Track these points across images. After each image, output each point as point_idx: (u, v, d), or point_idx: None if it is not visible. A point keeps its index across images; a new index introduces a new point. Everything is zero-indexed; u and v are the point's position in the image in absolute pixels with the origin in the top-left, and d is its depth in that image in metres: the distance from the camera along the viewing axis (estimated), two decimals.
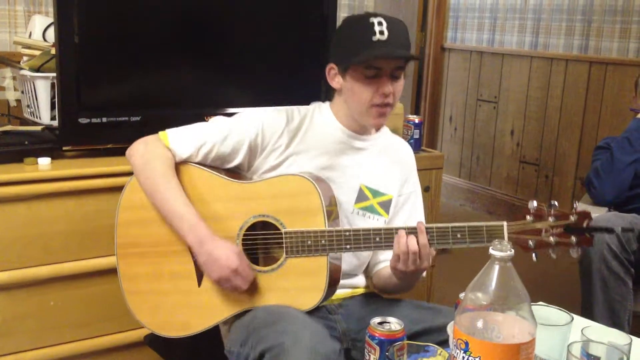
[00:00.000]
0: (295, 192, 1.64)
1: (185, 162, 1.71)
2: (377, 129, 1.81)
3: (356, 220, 1.76)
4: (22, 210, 2.00)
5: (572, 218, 1.50)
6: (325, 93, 2.06)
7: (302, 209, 1.63)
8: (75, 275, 2.10)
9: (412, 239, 1.56)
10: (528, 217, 1.52)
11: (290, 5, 2.47)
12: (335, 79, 1.75)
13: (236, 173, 1.77)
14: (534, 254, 1.52)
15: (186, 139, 1.71)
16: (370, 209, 1.78)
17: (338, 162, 1.76)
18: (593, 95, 4.21)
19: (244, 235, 1.66)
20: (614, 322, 2.49)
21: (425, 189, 2.80)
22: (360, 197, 1.77)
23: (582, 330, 1.29)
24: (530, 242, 1.52)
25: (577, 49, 4.30)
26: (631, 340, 1.29)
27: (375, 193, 1.79)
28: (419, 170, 1.93)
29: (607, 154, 2.81)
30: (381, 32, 1.64)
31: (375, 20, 1.66)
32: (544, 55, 4.52)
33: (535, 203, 1.52)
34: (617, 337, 1.30)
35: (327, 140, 1.76)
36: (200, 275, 1.68)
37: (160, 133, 1.73)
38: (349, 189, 1.76)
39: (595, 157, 2.91)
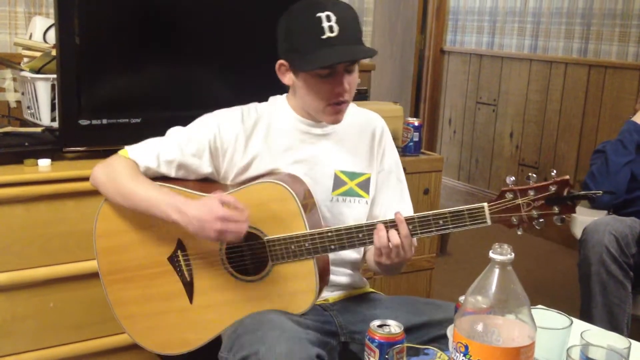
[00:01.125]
0: (269, 199, 1.61)
1: (151, 175, 1.70)
2: (334, 124, 1.73)
3: (338, 207, 1.73)
4: (21, 211, 2.00)
5: (552, 188, 1.47)
6: None
7: (279, 215, 1.61)
8: (75, 276, 2.10)
9: (392, 232, 1.53)
10: (507, 195, 1.49)
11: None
12: (286, 76, 1.70)
13: (211, 182, 1.73)
14: (518, 230, 1.50)
15: (146, 149, 1.71)
16: (349, 193, 1.74)
17: (306, 154, 1.72)
18: (592, 99, 4.22)
19: (227, 249, 1.64)
20: (613, 325, 2.49)
21: (425, 192, 2.81)
22: (337, 183, 1.74)
23: (581, 334, 1.30)
24: (514, 219, 1.49)
25: (577, 53, 4.31)
26: (630, 344, 1.29)
27: (352, 175, 1.75)
28: (418, 172, 1.91)
29: (602, 157, 2.82)
30: (330, 28, 1.56)
31: (323, 15, 1.56)
32: (543, 59, 4.53)
33: (512, 178, 1.49)
34: (616, 340, 1.30)
35: (290, 136, 1.73)
36: (189, 293, 1.68)
37: (120, 151, 1.74)
38: (324, 178, 1.73)
39: (593, 160, 2.92)
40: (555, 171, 1.48)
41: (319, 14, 1.57)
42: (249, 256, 1.66)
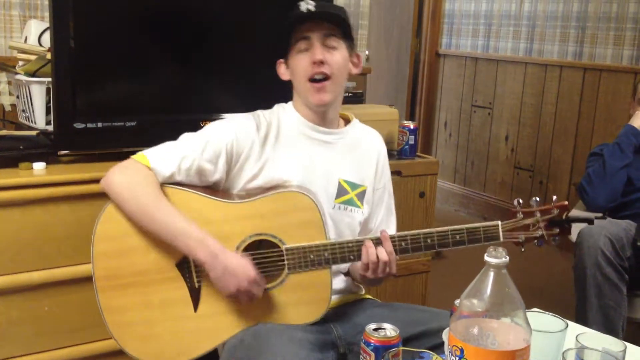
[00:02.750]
0: (293, 208, 1.63)
1: (167, 186, 1.66)
2: (319, 105, 1.74)
3: (337, 215, 1.76)
4: (16, 215, 2.00)
5: (554, 212, 1.64)
6: None
7: (300, 224, 1.63)
8: (70, 280, 2.09)
9: (381, 250, 1.60)
10: (518, 215, 1.64)
11: (284, 11, 2.47)
12: (285, 72, 1.78)
13: (215, 191, 1.73)
14: (522, 248, 1.66)
15: (166, 157, 1.66)
16: (349, 202, 1.78)
17: (313, 160, 1.75)
18: (587, 102, 4.23)
19: (242, 255, 1.63)
20: (608, 328, 2.49)
21: (420, 195, 2.81)
22: (340, 191, 1.77)
23: (576, 337, 1.30)
24: (521, 237, 1.64)
25: (572, 56, 4.32)
26: (625, 347, 1.29)
27: (353, 185, 1.79)
28: (414, 175, 1.94)
29: (599, 160, 2.83)
30: (308, 5, 1.68)
31: (302, 2, 1.70)
32: (538, 62, 4.54)
33: (520, 200, 1.66)
34: (612, 343, 1.30)
35: (296, 141, 1.76)
36: (195, 300, 1.65)
37: (135, 156, 1.68)
38: (329, 185, 1.76)
39: (589, 163, 2.93)
40: (555, 197, 1.67)
41: (299, 2, 1.70)
42: (263, 264, 1.65)
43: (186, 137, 1.72)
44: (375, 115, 1.91)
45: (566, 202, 1.65)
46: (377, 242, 1.61)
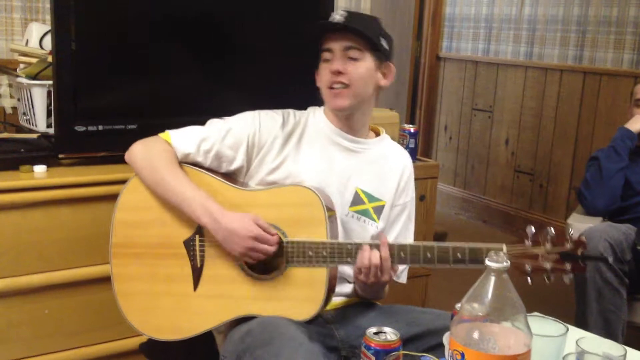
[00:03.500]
0: (299, 202, 1.65)
1: (185, 164, 1.72)
2: (337, 110, 1.77)
3: (351, 223, 1.77)
4: (17, 217, 2.00)
5: (568, 245, 1.51)
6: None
7: (304, 219, 1.64)
8: (70, 283, 2.09)
9: (375, 254, 1.58)
10: (526, 242, 1.53)
11: (287, 13, 2.48)
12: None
13: (233, 179, 1.77)
14: (529, 278, 1.54)
15: (187, 136, 1.74)
16: (364, 213, 1.78)
17: (334, 164, 1.77)
18: (587, 106, 4.23)
19: None
20: (608, 332, 2.49)
21: (421, 198, 2.81)
22: (356, 200, 1.78)
23: (577, 341, 1.30)
24: (527, 266, 1.53)
25: (572, 60, 4.32)
26: (626, 351, 1.29)
27: (371, 197, 1.80)
28: (414, 179, 1.93)
29: (596, 164, 2.83)
30: (338, 16, 1.71)
31: (335, 12, 1.73)
32: (538, 65, 4.54)
33: (533, 229, 1.53)
34: (612, 348, 1.30)
35: (322, 144, 1.78)
36: (196, 279, 1.68)
37: (160, 134, 1.76)
38: (345, 191, 1.77)
39: (588, 167, 2.94)
40: (572, 231, 1.53)
41: (333, 13, 1.73)
42: None
43: (211, 122, 1.79)
44: (376, 118, 1.90)
45: (584, 238, 1.52)
46: (375, 246, 1.60)
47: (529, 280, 1.53)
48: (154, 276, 1.72)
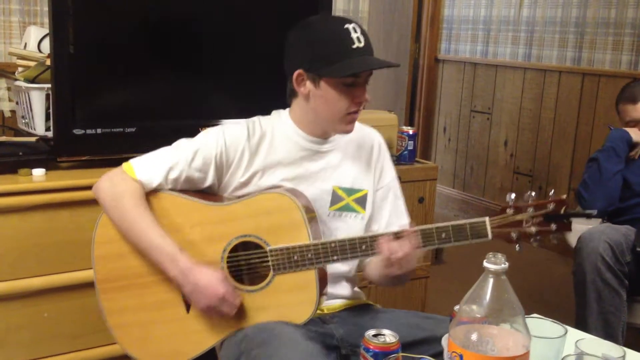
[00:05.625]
0: (275, 209, 1.63)
1: (156, 190, 1.68)
2: (345, 133, 1.75)
3: (333, 222, 1.75)
4: (16, 221, 2.00)
5: (550, 206, 1.52)
6: None
7: (284, 225, 1.62)
8: (69, 286, 2.09)
9: (399, 243, 1.56)
10: (508, 211, 1.54)
11: (284, 19, 2.48)
12: (303, 85, 1.68)
13: (208, 194, 1.74)
14: (517, 245, 1.54)
15: (153, 168, 1.68)
16: (345, 208, 1.77)
17: (306, 170, 1.74)
18: (586, 107, 4.23)
19: (228, 257, 1.65)
20: (608, 334, 2.49)
21: (420, 200, 2.81)
22: (335, 199, 1.76)
23: (576, 343, 1.30)
24: (513, 234, 1.53)
25: (570, 61, 4.33)
26: (625, 353, 1.29)
27: (350, 191, 1.77)
28: (413, 181, 1.92)
29: (595, 165, 2.83)
30: (359, 40, 1.63)
31: (350, 27, 1.63)
32: (537, 67, 4.54)
33: (513, 195, 1.55)
34: (611, 349, 1.30)
35: (291, 151, 1.74)
36: (187, 302, 1.67)
37: (124, 165, 1.70)
38: (322, 194, 1.75)
39: (587, 169, 2.93)
40: (553, 190, 1.54)
41: (346, 26, 1.63)
42: (250, 266, 1.66)
43: (177, 145, 1.73)
44: (374, 120, 1.90)
45: (564, 196, 1.53)
46: (397, 235, 1.58)
47: (517, 248, 1.54)
48: (144, 305, 1.70)
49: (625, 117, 2.92)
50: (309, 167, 1.75)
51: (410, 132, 2.86)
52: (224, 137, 1.70)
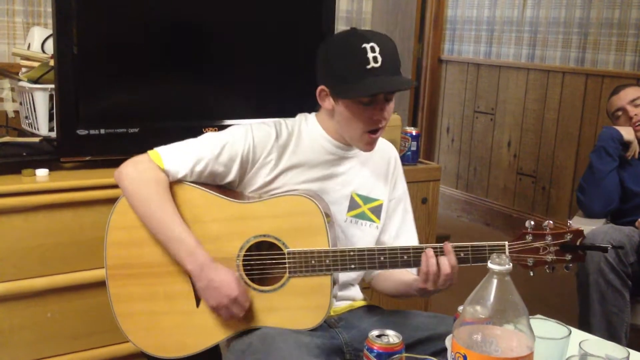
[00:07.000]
0: (297, 211, 1.63)
1: (179, 181, 1.68)
2: (368, 152, 1.76)
3: (349, 228, 1.76)
4: (19, 221, 2.00)
5: (567, 237, 1.59)
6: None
7: (304, 228, 1.63)
8: (73, 286, 2.09)
9: (443, 260, 1.58)
10: (527, 237, 1.59)
11: (288, 20, 2.48)
12: (326, 101, 1.71)
13: (227, 190, 1.75)
14: (530, 272, 1.61)
15: (180, 159, 1.68)
16: (361, 216, 1.78)
17: (329, 173, 1.76)
18: (589, 108, 4.23)
19: (245, 255, 1.65)
20: (611, 334, 2.49)
21: (423, 201, 2.81)
22: (352, 205, 1.77)
23: (579, 344, 1.30)
24: (530, 261, 1.59)
25: (574, 62, 4.32)
26: (629, 353, 1.29)
27: (366, 199, 1.79)
28: (416, 181, 1.93)
29: (587, 167, 2.84)
30: (375, 59, 1.59)
31: (368, 46, 1.59)
32: (540, 68, 4.54)
33: (532, 222, 1.58)
34: (615, 350, 1.30)
35: (316, 153, 1.75)
36: (198, 296, 1.66)
37: (151, 153, 1.69)
38: (341, 198, 1.76)
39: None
40: (571, 222, 1.60)
41: (364, 45, 1.60)
42: (266, 266, 1.66)
43: (205, 138, 1.73)
44: None
45: (582, 228, 1.59)
46: (438, 252, 1.59)
47: (531, 273, 1.60)
48: (154, 295, 1.69)
49: (612, 109, 2.95)
50: (331, 170, 1.76)
51: (414, 132, 2.86)
52: (252, 134, 1.71)
